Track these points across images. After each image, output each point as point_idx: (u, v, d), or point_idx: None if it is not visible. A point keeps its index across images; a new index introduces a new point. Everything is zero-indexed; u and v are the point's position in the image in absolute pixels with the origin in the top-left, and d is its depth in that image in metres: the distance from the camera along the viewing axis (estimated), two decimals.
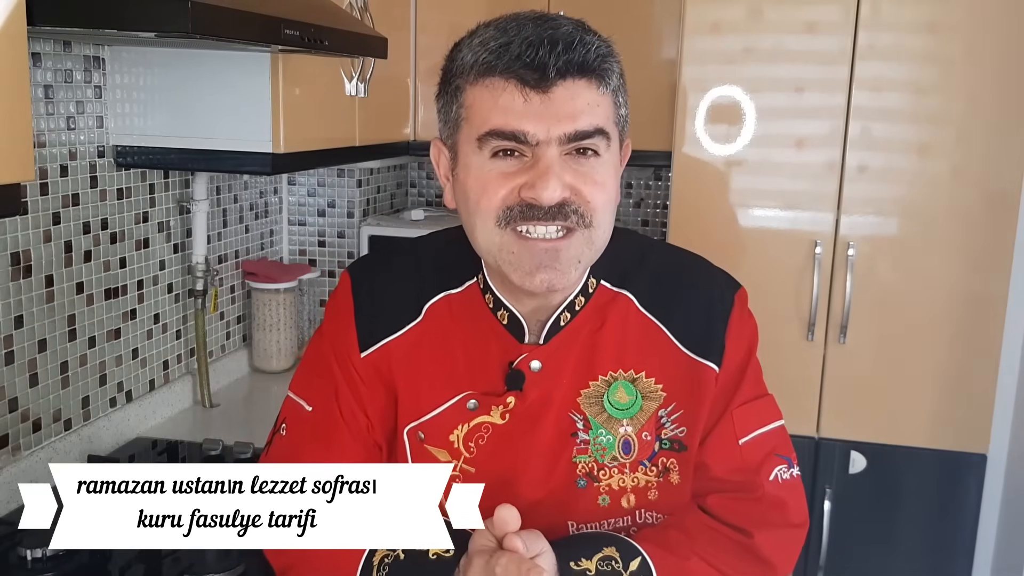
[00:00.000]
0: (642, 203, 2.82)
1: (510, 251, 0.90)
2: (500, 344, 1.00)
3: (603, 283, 1.02)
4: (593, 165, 0.89)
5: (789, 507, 1.02)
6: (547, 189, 0.86)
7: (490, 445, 0.98)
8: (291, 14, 1.34)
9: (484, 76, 0.88)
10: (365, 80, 1.97)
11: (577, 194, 0.88)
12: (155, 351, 1.92)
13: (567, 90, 0.86)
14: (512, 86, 0.86)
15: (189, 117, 1.69)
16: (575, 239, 0.90)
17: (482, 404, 0.98)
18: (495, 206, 0.89)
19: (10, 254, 1.49)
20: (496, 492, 0.96)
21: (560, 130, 0.86)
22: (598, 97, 0.88)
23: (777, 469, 1.02)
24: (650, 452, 0.99)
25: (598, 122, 0.88)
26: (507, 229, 0.89)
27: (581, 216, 0.89)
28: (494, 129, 0.87)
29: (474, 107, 0.89)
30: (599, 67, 0.88)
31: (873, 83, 2.07)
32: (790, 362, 2.17)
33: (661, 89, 2.32)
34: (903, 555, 2.23)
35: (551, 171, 0.86)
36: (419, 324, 1.01)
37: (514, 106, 0.86)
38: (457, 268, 1.02)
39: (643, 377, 0.99)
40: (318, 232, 2.55)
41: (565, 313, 0.99)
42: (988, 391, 2.13)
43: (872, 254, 2.13)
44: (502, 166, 0.89)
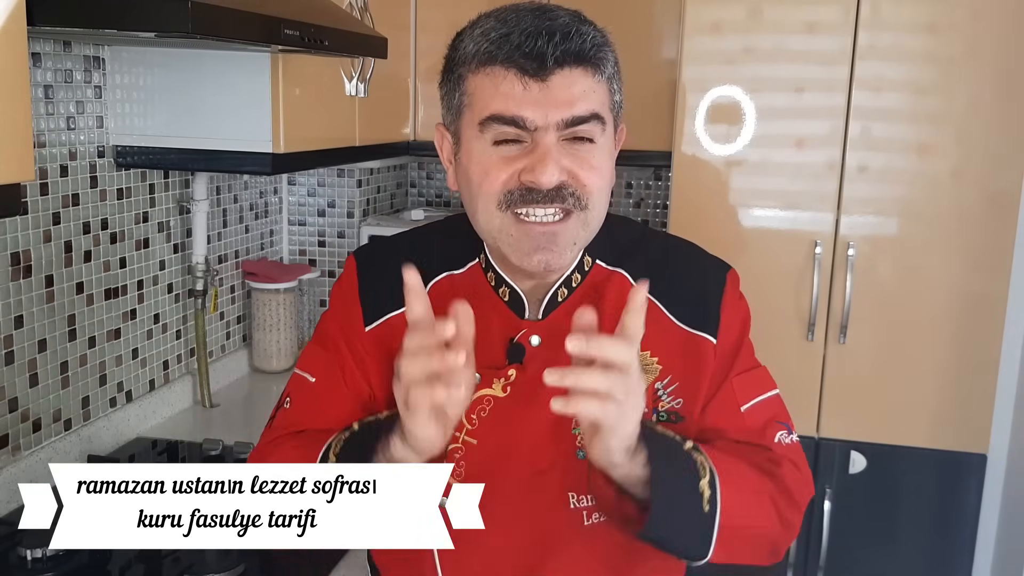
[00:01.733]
0: (642, 203, 2.82)
1: (509, 233, 0.94)
2: (501, 320, 1.03)
3: (598, 262, 1.05)
4: (589, 150, 0.93)
5: (799, 464, 1.05)
6: (545, 173, 0.90)
7: (492, 417, 1.01)
8: (291, 14, 1.34)
9: (485, 65, 0.92)
10: (365, 80, 1.97)
11: (574, 178, 0.92)
12: (155, 351, 1.92)
13: (564, 78, 0.90)
14: (512, 74, 0.90)
15: (189, 117, 1.69)
16: (571, 221, 0.94)
17: (484, 377, 1.01)
18: (496, 190, 0.93)
19: (10, 254, 1.49)
20: (497, 463, 1.00)
21: (558, 116, 0.90)
22: (594, 84, 0.92)
23: (779, 434, 1.06)
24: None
25: (594, 108, 0.92)
26: (507, 212, 0.93)
27: (578, 199, 0.93)
28: (495, 114, 0.91)
29: (476, 94, 0.93)
30: (594, 56, 0.92)
31: (873, 83, 2.07)
32: (790, 362, 2.17)
33: (661, 89, 2.32)
34: (903, 555, 2.23)
35: (549, 155, 0.90)
36: None
37: (514, 93, 0.90)
38: (460, 250, 1.06)
39: (639, 351, 1.01)
40: (318, 232, 2.55)
41: (562, 289, 1.03)
42: (988, 391, 2.13)
43: (872, 254, 2.13)
44: (503, 151, 0.93)
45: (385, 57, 1.76)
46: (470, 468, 1.00)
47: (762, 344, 1.19)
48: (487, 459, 1.00)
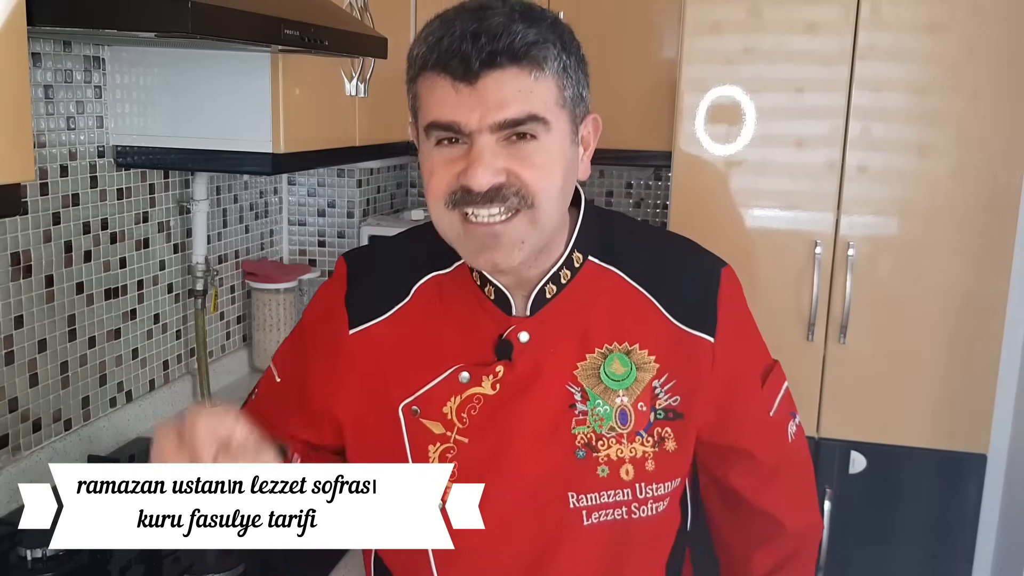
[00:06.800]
0: (642, 203, 2.83)
1: (458, 233, 0.95)
2: (489, 318, 1.03)
3: (591, 258, 1.04)
4: (532, 149, 0.91)
5: (806, 457, 1.17)
6: (476, 176, 0.89)
7: (482, 416, 1.01)
8: (291, 14, 1.34)
9: (423, 70, 0.93)
10: (365, 80, 1.97)
11: (515, 177, 0.91)
12: (155, 351, 1.92)
13: (496, 80, 0.89)
14: (445, 79, 0.90)
15: (189, 117, 1.69)
16: (517, 221, 0.92)
17: (473, 376, 1.01)
18: (441, 191, 0.93)
19: (10, 254, 1.49)
20: (492, 462, 1.00)
21: (489, 119, 0.89)
22: (531, 84, 0.89)
23: (790, 426, 1.14)
24: (646, 423, 1.01)
25: (530, 109, 0.90)
26: (455, 211, 0.93)
27: (522, 198, 0.91)
28: (433, 121, 0.92)
29: (420, 99, 0.95)
30: (527, 54, 0.89)
31: (873, 83, 2.07)
32: (790, 362, 2.14)
33: (661, 89, 2.32)
34: (903, 555, 2.23)
35: (481, 159, 0.89)
36: (407, 304, 1.06)
37: (447, 99, 0.90)
38: (447, 251, 1.05)
39: (637, 349, 1.02)
40: (318, 232, 2.55)
41: (550, 285, 1.02)
42: (988, 391, 2.13)
43: (872, 254, 2.13)
44: (445, 153, 0.93)
45: (385, 57, 1.76)
46: (463, 467, 1.00)
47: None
48: (481, 458, 1.00)
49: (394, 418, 1.04)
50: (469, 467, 1.00)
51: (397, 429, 1.04)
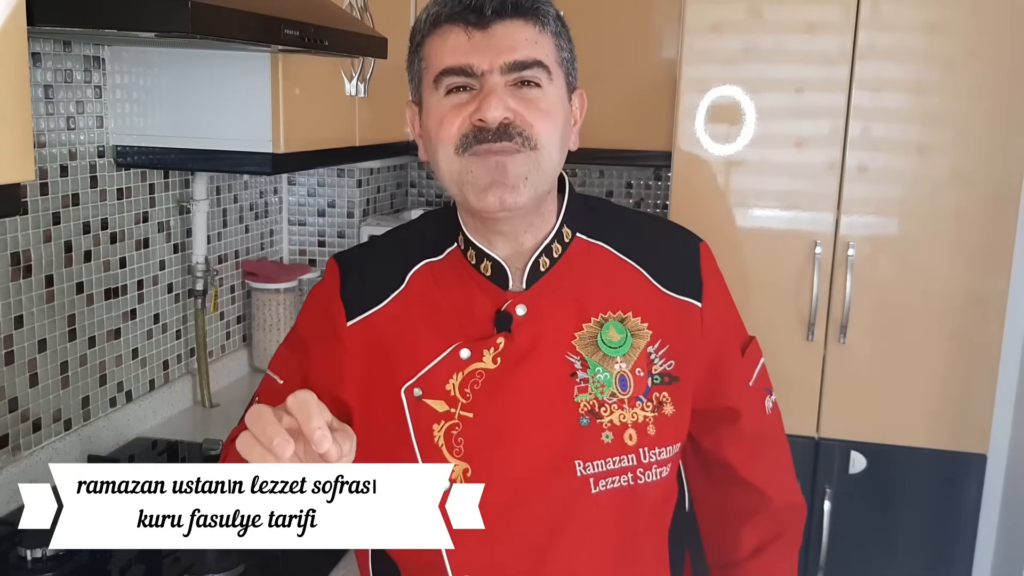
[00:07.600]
0: (642, 203, 2.82)
1: (468, 171, 0.98)
2: (485, 296, 1.05)
3: (579, 235, 1.09)
4: (536, 95, 0.98)
5: (784, 435, 1.21)
6: (490, 109, 0.94)
7: (485, 389, 1.02)
8: (291, 14, 1.34)
9: (436, 26, 1.00)
10: (365, 80, 1.97)
11: (521, 118, 0.97)
12: (155, 351, 1.92)
13: (506, 28, 0.97)
14: (458, 28, 0.98)
15: (189, 117, 1.69)
16: (522, 157, 0.97)
17: (474, 351, 1.03)
18: (452, 135, 0.98)
19: (10, 254, 1.49)
20: (497, 435, 1.01)
21: (500, 60, 0.96)
22: (536, 35, 0.98)
23: (766, 401, 1.18)
24: (644, 388, 1.04)
25: (537, 55, 0.97)
26: (464, 155, 0.98)
27: (526, 138, 0.97)
28: (446, 67, 0.98)
29: (431, 54, 1.00)
30: (531, 7, 0.98)
31: (873, 83, 2.07)
32: (790, 362, 2.17)
33: (661, 89, 2.32)
34: (903, 555, 2.23)
35: (494, 93, 0.95)
36: (403, 292, 1.08)
37: (460, 45, 0.97)
38: (438, 239, 1.10)
39: (631, 317, 1.06)
40: (318, 232, 2.55)
41: (543, 258, 1.06)
42: (988, 391, 2.13)
43: (872, 254, 2.13)
44: (455, 100, 0.98)
45: (385, 57, 1.76)
46: (469, 443, 1.01)
47: (762, 344, 1.19)
48: (486, 432, 1.01)
49: (397, 402, 1.05)
50: (474, 442, 1.01)
51: (400, 412, 1.04)
